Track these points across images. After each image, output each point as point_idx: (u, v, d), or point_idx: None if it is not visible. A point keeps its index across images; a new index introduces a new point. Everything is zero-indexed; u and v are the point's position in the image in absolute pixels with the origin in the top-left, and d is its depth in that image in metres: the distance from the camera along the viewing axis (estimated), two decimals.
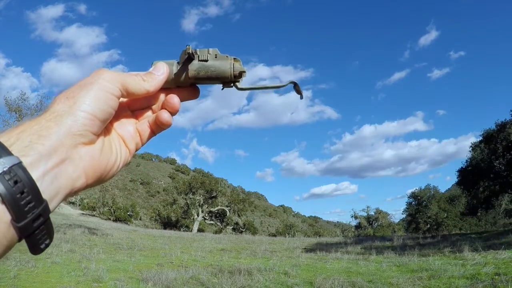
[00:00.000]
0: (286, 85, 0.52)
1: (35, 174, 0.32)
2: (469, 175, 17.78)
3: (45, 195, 0.33)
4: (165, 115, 0.48)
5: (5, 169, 0.30)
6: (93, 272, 6.29)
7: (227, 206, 30.43)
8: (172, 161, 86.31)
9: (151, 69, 0.48)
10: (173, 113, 0.49)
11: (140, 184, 59.06)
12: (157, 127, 0.49)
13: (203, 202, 29.98)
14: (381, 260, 8.44)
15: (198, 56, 0.48)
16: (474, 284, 5.12)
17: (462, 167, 18.50)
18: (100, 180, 0.42)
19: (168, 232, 21.83)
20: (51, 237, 0.35)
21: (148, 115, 0.50)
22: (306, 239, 18.94)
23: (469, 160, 18.11)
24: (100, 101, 0.39)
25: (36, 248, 0.33)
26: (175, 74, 0.48)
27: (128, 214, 32.26)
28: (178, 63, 0.49)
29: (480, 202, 18.29)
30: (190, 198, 29.77)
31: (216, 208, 30.38)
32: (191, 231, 27.71)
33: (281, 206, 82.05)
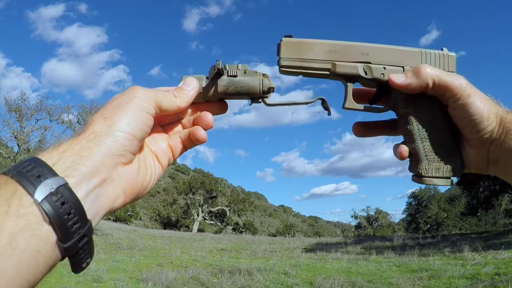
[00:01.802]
0: (314, 101, 0.53)
1: (79, 194, 0.32)
2: (469, 175, 17.74)
3: (88, 215, 0.33)
4: (201, 132, 0.48)
5: (52, 190, 0.30)
6: (93, 272, 6.29)
7: (227, 206, 30.43)
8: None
9: (180, 84, 0.48)
10: (206, 129, 0.49)
11: None
12: (191, 143, 0.50)
13: (203, 202, 29.97)
14: (381, 260, 8.45)
15: (228, 72, 0.49)
16: (474, 284, 5.13)
17: None
18: (136, 198, 0.43)
19: (168, 232, 21.83)
20: (91, 256, 0.35)
21: (179, 130, 0.51)
22: (306, 239, 18.95)
23: None
24: (138, 120, 0.40)
25: (78, 267, 0.34)
26: (203, 88, 0.49)
27: (128, 214, 32.25)
28: (207, 78, 0.50)
29: (480, 202, 18.29)
30: (190, 198, 29.77)
31: (216, 208, 30.38)
32: (191, 231, 27.70)
33: (281, 206, 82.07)
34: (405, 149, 0.52)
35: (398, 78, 0.49)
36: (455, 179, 0.55)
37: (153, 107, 0.42)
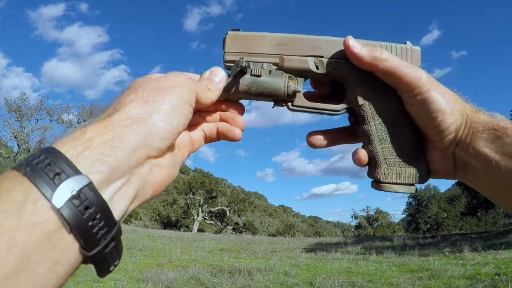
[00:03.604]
0: (341, 111, 0.48)
1: (106, 195, 0.28)
2: None
3: (116, 215, 0.29)
4: (237, 132, 0.46)
5: (74, 193, 0.25)
6: (93, 272, 6.24)
7: (227, 206, 30.42)
8: None
9: (206, 74, 0.44)
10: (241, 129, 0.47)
11: None
12: (216, 138, 0.47)
13: (203, 202, 29.96)
14: (381, 260, 8.44)
15: (251, 71, 0.45)
16: (474, 284, 5.12)
17: None
18: (164, 190, 0.39)
19: (168, 232, 21.82)
20: (120, 257, 0.31)
21: (199, 123, 0.47)
22: (306, 239, 18.94)
23: None
24: (181, 111, 0.35)
25: (104, 272, 0.30)
26: (224, 86, 0.45)
27: (128, 214, 32.24)
28: (229, 75, 0.46)
29: (480, 202, 18.30)
30: (190, 198, 29.75)
31: (216, 208, 30.37)
32: (191, 231, 27.69)
33: (281, 206, 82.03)
34: (363, 153, 0.47)
35: (354, 43, 0.44)
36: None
37: (194, 98, 0.38)
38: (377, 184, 0.47)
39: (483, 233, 14.41)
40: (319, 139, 0.49)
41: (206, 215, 30.61)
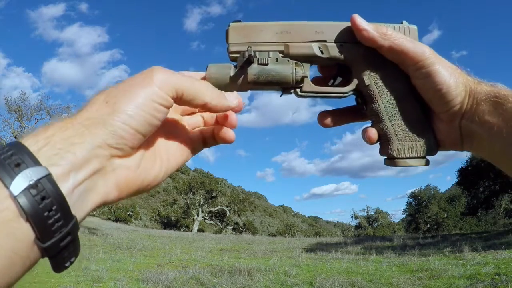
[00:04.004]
0: (349, 93, 0.48)
1: (64, 188, 0.28)
2: (469, 175, 17.78)
3: (73, 210, 0.29)
4: (230, 133, 0.44)
5: (31, 183, 0.26)
6: (93, 272, 6.29)
7: (227, 206, 30.43)
8: None
9: (227, 94, 0.42)
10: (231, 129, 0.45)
11: None
12: (213, 142, 0.45)
13: (203, 202, 29.97)
14: (381, 260, 8.44)
15: (258, 60, 0.45)
16: (474, 284, 5.12)
17: (462, 167, 18.51)
18: (136, 193, 0.38)
19: (168, 232, 21.83)
20: (76, 254, 0.31)
21: (199, 123, 0.46)
22: (306, 239, 18.94)
23: (469, 160, 18.10)
24: (145, 112, 0.33)
25: (59, 267, 0.30)
26: (231, 78, 0.45)
27: (128, 214, 32.24)
28: (235, 66, 0.46)
29: (480, 202, 18.28)
30: (190, 198, 29.76)
31: (216, 208, 30.38)
32: (191, 231, 27.70)
33: (281, 206, 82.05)
34: (373, 132, 0.48)
35: (362, 20, 0.45)
36: (455, 179, 0.52)
37: (170, 98, 0.35)
38: (391, 160, 0.48)
39: (483, 233, 14.41)
40: (329, 119, 0.50)
41: (206, 215, 30.61)
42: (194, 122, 0.46)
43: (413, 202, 25.09)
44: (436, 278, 5.83)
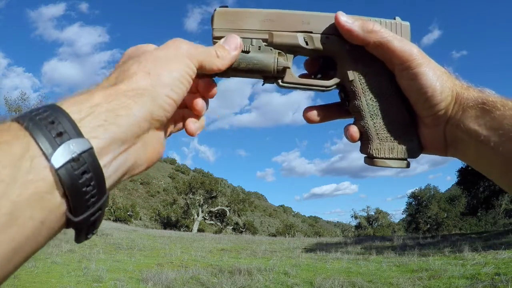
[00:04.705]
0: (332, 87, 0.47)
1: (103, 161, 0.27)
2: (469, 175, 17.77)
3: (107, 184, 0.28)
4: (191, 126, 0.43)
5: (74, 156, 0.25)
6: (93, 272, 6.29)
7: (227, 206, 30.43)
8: (172, 161, 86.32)
9: (221, 41, 0.43)
10: (199, 116, 0.44)
11: (140, 184, 59.02)
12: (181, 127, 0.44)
13: (203, 202, 29.97)
14: (381, 260, 8.44)
15: None
16: (474, 284, 5.12)
17: (462, 167, 18.50)
18: (155, 163, 0.38)
19: (168, 232, 21.81)
20: (98, 226, 0.30)
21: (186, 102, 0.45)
22: (306, 239, 18.93)
23: None
24: (182, 85, 0.35)
25: (83, 238, 0.29)
26: None
27: (128, 214, 32.26)
28: None
29: (480, 202, 18.29)
30: (190, 198, 29.76)
31: (216, 208, 30.38)
32: (191, 231, 27.70)
33: (281, 206, 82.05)
34: (354, 130, 0.46)
35: (345, 18, 0.43)
36: (455, 179, 0.51)
37: (196, 68, 0.37)
38: (370, 159, 0.47)
39: (483, 233, 14.41)
40: (314, 114, 0.48)
41: (206, 215, 30.62)
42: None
43: (413, 202, 25.09)
44: (436, 278, 5.83)
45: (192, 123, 0.43)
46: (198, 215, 29.73)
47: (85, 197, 0.26)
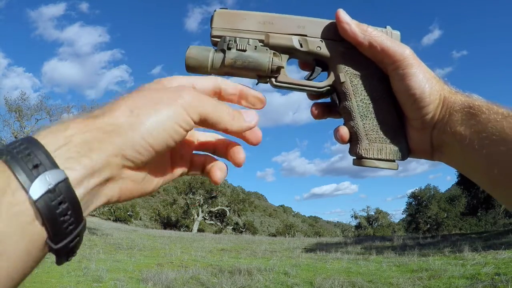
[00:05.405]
0: (324, 89, 0.49)
1: (78, 193, 0.28)
2: None
3: (84, 213, 0.30)
4: (218, 175, 0.41)
5: (50, 187, 0.26)
6: (93, 272, 6.30)
7: (227, 206, 30.42)
8: None
9: (243, 111, 0.41)
10: (236, 166, 0.43)
11: None
12: (207, 174, 0.43)
13: (203, 202, 29.96)
14: (381, 260, 8.44)
15: (237, 45, 0.47)
16: (474, 284, 5.12)
17: None
18: (132, 199, 0.38)
19: (168, 232, 21.82)
20: (78, 249, 0.32)
21: (209, 143, 0.45)
22: (306, 239, 18.94)
23: None
24: (165, 132, 0.33)
25: (63, 262, 0.31)
26: (210, 60, 0.47)
27: (128, 214, 32.26)
28: (216, 50, 0.48)
29: (480, 202, 18.29)
30: (190, 198, 29.76)
31: (216, 208, 30.37)
32: (191, 231, 27.70)
33: (281, 206, 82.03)
34: (344, 130, 0.47)
35: (344, 15, 0.45)
36: (455, 179, 0.52)
37: (192, 122, 0.34)
38: (358, 160, 0.48)
39: (483, 233, 14.40)
40: (320, 111, 0.50)
41: (206, 215, 30.61)
42: (205, 140, 0.45)
43: (413, 202, 25.06)
44: (436, 278, 5.83)
45: (219, 171, 0.42)
46: (198, 215, 29.73)
47: (63, 226, 0.27)
